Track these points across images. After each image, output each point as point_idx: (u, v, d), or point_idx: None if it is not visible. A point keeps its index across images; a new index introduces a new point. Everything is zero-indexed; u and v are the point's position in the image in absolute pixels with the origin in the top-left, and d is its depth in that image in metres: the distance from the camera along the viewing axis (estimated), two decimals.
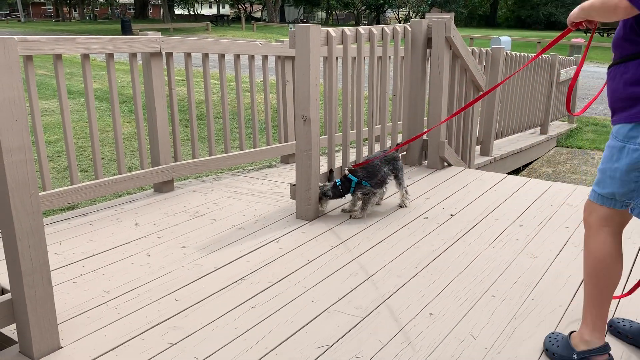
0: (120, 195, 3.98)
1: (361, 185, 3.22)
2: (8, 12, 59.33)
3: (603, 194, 1.73)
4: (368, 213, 3.30)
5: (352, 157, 3.96)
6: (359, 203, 3.30)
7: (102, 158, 5.28)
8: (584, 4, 1.70)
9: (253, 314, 2.17)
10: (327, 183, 3.34)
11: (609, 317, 2.12)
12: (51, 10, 64.86)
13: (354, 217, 3.26)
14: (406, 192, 3.43)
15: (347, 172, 3.31)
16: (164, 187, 3.74)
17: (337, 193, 3.26)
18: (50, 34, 29.03)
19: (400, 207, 3.45)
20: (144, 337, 2.00)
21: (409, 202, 3.49)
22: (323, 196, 3.27)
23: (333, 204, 3.49)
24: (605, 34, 34.84)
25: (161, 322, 2.10)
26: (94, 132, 3.32)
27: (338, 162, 3.77)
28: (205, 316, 2.15)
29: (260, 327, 2.08)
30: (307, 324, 2.10)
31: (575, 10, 1.77)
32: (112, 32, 32.26)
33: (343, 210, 3.38)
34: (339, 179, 3.29)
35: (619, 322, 2.04)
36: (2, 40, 1.67)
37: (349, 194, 3.29)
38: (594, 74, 18.11)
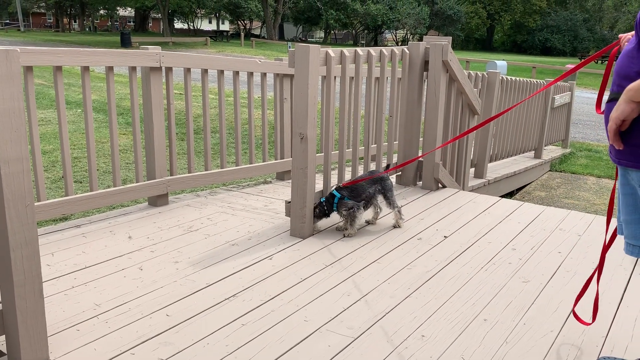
0: (114, 208, 3.97)
1: (344, 201, 3.24)
2: (8, 21, 59.54)
3: None
4: (357, 229, 3.31)
5: (347, 175, 3.98)
6: (349, 220, 3.30)
7: (97, 169, 5.27)
8: (629, 94, 1.48)
9: (245, 331, 2.16)
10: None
11: (597, 354, 2.09)
12: (51, 21, 65.15)
13: (347, 236, 3.27)
14: (400, 212, 3.45)
15: (333, 188, 3.34)
16: (158, 200, 3.73)
17: (322, 211, 3.28)
18: (50, 44, 29.16)
19: (395, 227, 3.46)
20: (134, 352, 1.99)
21: (403, 222, 3.50)
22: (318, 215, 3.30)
23: (327, 222, 3.50)
24: (599, 61, 35.30)
25: (152, 338, 2.09)
26: (90, 145, 3.32)
27: (334, 180, 3.79)
28: (197, 332, 2.14)
29: (252, 345, 2.07)
30: (298, 343, 2.09)
31: (621, 104, 1.51)
32: (112, 44, 32.43)
33: (338, 229, 3.38)
34: (323, 197, 3.31)
35: None
36: (4, 51, 1.69)
37: (335, 212, 3.31)
38: (588, 100, 18.32)
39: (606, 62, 1.93)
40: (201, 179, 3.94)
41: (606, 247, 1.88)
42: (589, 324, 2.10)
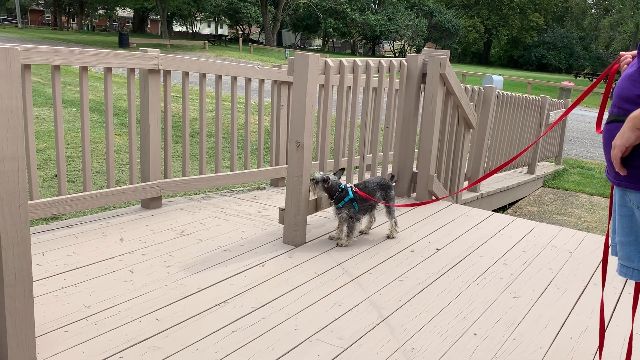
0: (106, 209, 3.95)
1: (351, 204, 3.23)
2: (5, 18, 59.31)
3: None
4: (354, 240, 3.30)
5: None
6: (345, 229, 3.30)
7: (91, 170, 5.24)
8: (634, 121, 1.48)
9: (234, 338, 2.16)
10: (323, 174, 3.29)
11: None
12: (49, 18, 64.99)
13: (340, 245, 3.26)
14: (395, 223, 3.45)
15: (351, 185, 3.31)
16: (151, 203, 3.72)
17: (335, 189, 3.23)
18: (47, 42, 29.07)
19: (388, 237, 3.47)
20: (123, 356, 1.97)
21: (397, 233, 3.51)
22: (321, 182, 3.21)
23: (319, 231, 3.50)
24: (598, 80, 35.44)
25: (141, 341, 2.08)
26: (85, 145, 3.31)
27: None
28: (186, 338, 2.13)
29: (241, 353, 2.06)
30: (288, 352, 2.09)
31: (625, 131, 1.50)
32: (109, 44, 32.37)
33: (330, 238, 3.38)
34: (344, 184, 3.29)
35: None
36: (5, 49, 1.68)
37: (336, 209, 3.29)
38: (582, 117, 18.47)
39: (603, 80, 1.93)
40: (195, 182, 3.93)
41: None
42: None
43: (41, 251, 2.85)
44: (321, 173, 3.28)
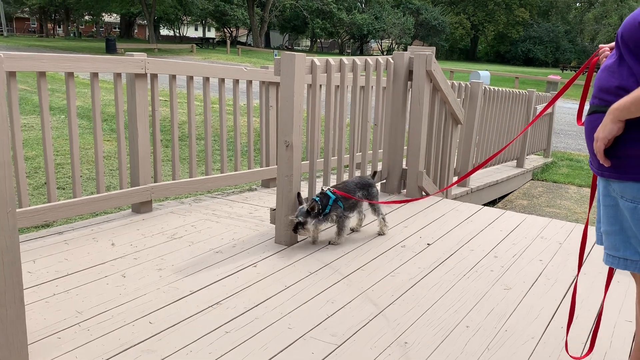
0: (97, 215, 3.94)
1: (337, 205, 3.23)
2: None
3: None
4: (345, 237, 3.32)
5: (332, 183, 3.99)
6: (336, 229, 3.31)
7: (80, 176, 5.21)
8: (615, 113, 1.50)
9: (228, 339, 2.16)
10: (300, 208, 3.15)
11: None
12: (35, 26, 64.56)
13: (332, 244, 3.28)
14: (384, 220, 3.47)
15: (325, 189, 3.27)
16: (142, 207, 3.71)
17: (319, 210, 3.12)
18: (33, 49, 28.86)
19: (379, 234, 3.49)
20: None
21: (387, 230, 3.53)
22: (304, 220, 3.07)
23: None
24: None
25: (134, 345, 2.08)
26: (74, 151, 3.30)
27: (319, 188, 3.79)
28: (180, 340, 2.13)
29: (235, 353, 2.06)
30: (282, 351, 2.10)
31: (607, 124, 1.53)
32: (96, 50, 32.21)
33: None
34: (316, 196, 3.20)
35: None
36: None
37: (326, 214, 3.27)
38: (569, 110, 18.62)
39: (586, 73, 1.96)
40: (185, 186, 3.93)
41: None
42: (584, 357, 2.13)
43: (32, 258, 2.84)
44: (294, 215, 3.12)
